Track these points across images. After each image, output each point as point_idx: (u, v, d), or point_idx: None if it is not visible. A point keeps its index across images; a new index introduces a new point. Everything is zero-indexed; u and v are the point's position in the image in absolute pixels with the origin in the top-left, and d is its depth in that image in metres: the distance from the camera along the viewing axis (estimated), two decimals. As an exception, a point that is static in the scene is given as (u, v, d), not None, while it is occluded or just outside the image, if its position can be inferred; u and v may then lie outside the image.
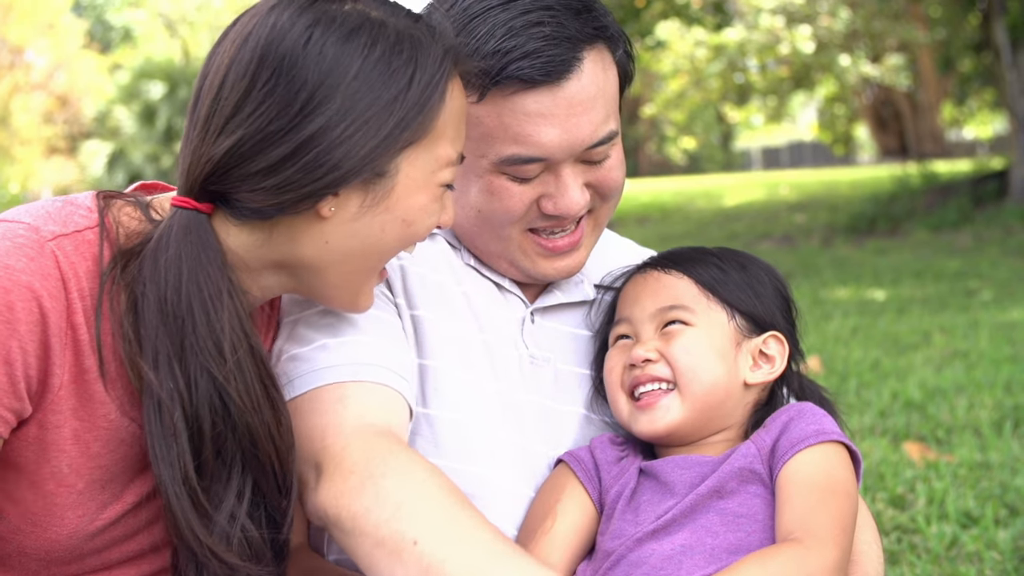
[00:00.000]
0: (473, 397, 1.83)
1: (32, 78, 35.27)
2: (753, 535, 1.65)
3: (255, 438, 1.54)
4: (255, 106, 1.47)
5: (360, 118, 1.48)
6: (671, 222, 20.33)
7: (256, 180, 1.48)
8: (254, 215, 1.52)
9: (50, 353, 1.46)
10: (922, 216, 15.69)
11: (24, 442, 1.50)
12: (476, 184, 1.81)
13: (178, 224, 1.52)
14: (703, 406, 1.77)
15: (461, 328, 1.87)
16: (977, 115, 28.64)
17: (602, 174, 1.84)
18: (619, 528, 1.72)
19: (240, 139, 1.47)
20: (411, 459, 1.54)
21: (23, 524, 1.54)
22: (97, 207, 1.55)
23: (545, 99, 1.72)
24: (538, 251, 1.87)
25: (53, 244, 1.47)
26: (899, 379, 5.72)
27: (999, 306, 8.28)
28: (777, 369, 1.83)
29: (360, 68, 1.48)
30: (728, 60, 20.22)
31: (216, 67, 1.53)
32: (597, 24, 1.77)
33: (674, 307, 1.80)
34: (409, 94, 1.51)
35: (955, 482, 3.90)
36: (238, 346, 1.52)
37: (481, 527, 1.46)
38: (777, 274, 1.91)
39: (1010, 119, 16.65)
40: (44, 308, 1.44)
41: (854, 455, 1.73)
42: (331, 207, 1.52)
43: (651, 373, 1.77)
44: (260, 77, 1.47)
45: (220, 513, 1.52)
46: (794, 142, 51.17)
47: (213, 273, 1.51)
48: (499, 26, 1.71)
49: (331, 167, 1.48)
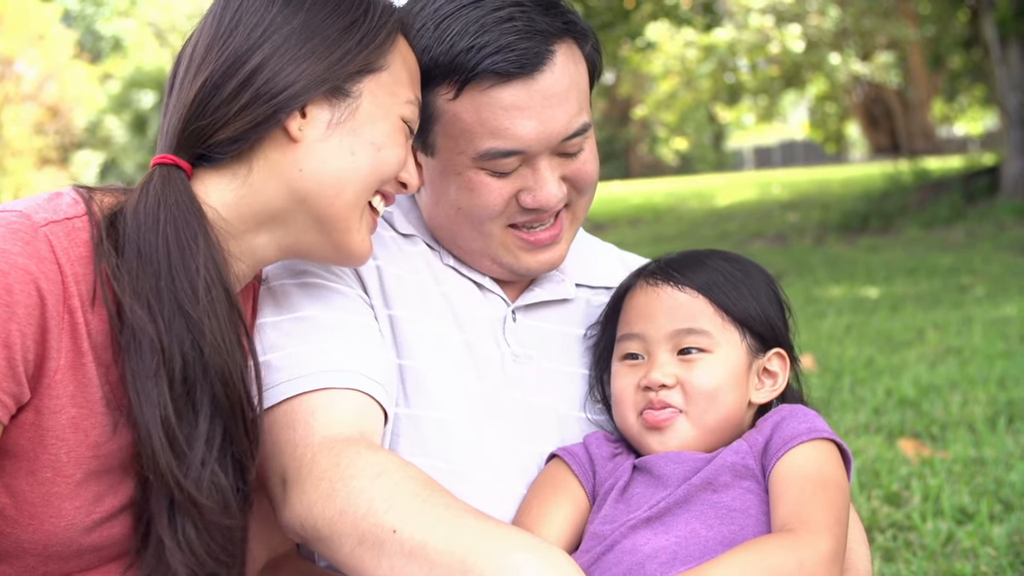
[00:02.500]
0: (455, 396, 1.84)
1: (22, 89, 35.18)
2: (747, 528, 1.66)
3: (226, 380, 1.56)
4: (221, 43, 1.60)
5: (318, 35, 1.61)
6: (663, 223, 20.34)
7: (227, 105, 1.58)
8: (232, 148, 1.60)
9: (47, 336, 1.47)
10: (914, 213, 15.71)
11: (21, 428, 1.50)
12: (455, 181, 1.83)
13: (158, 176, 1.59)
14: (713, 430, 1.79)
15: (440, 327, 1.88)
16: (968, 111, 28.70)
17: (577, 166, 1.87)
18: (611, 514, 1.73)
19: (211, 73, 1.59)
20: (379, 457, 1.56)
21: (20, 516, 1.53)
22: (82, 198, 1.59)
23: (520, 92, 1.76)
24: (520, 245, 1.89)
25: (46, 229, 1.50)
26: (893, 376, 5.73)
27: (992, 302, 8.29)
28: (780, 386, 1.85)
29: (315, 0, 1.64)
30: (718, 60, 20.28)
31: (187, 43, 1.67)
32: (565, 19, 1.81)
33: (692, 331, 1.80)
34: (365, 22, 1.65)
35: (950, 478, 3.91)
36: (212, 287, 1.55)
37: (456, 507, 1.47)
38: (769, 276, 1.92)
39: (1000, 115, 16.69)
40: (42, 291, 1.46)
41: (844, 454, 1.75)
42: (299, 127, 1.61)
43: (665, 399, 1.78)
44: (223, 21, 1.62)
45: (193, 455, 1.54)
46: (786, 141, 51.26)
47: (191, 219, 1.56)
48: (471, 23, 1.76)
49: (293, 79, 1.59)
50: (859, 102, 29.88)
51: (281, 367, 1.70)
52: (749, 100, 26.51)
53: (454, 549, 1.40)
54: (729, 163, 47.58)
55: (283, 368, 1.69)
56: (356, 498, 1.49)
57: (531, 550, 1.39)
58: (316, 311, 1.77)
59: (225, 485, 1.56)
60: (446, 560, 1.39)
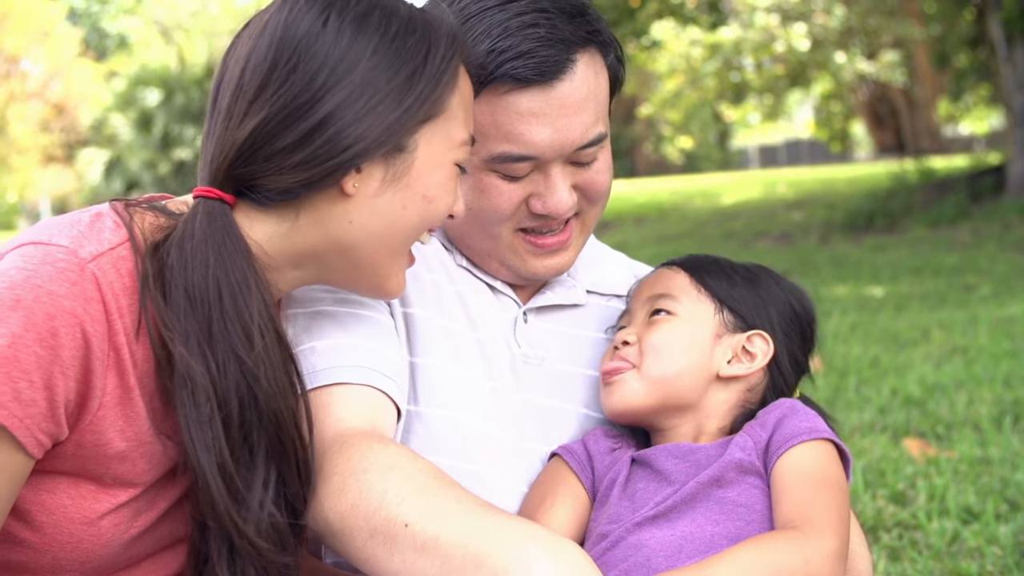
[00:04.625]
0: (466, 394, 1.85)
1: (28, 87, 35.21)
2: (752, 524, 1.67)
3: (280, 424, 1.55)
4: (278, 86, 1.53)
5: (380, 91, 1.54)
6: (668, 222, 20.33)
7: (282, 157, 1.52)
8: (281, 197, 1.56)
9: (92, 377, 1.46)
10: (920, 212, 15.68)
11: (62, 458, 1.50)
12: (467, 182, 1.83)
13: (203, 212, 1.55)
14: (661, 390, 1.82)
15: (454, 326, 1.89)
16: (973, 110, 28.63)
17: (590, 176, 1.87)
18: (616, 513, 1.74)
19: (265, 117, 1.52)
20: (390, 450, 1.56)
21: (59, 534, 1.53)
22: (123, 221, 1.55)
23: (538, 99, 1.76)
24: (528, 249, 1.90)
25: (93, 265, 1.47)
26: (898, 375, 5.72)
27: (998, 301, 8.27)
28: (757, 364, 1.86)
29: (378, 45, 1.55)
30: (724, 59, 20.23)
31: (235, 61, 1.58)
32: (590, 28, 1.80)
33: (662, 296, 1.88)
34: (426, 70, 1.58)
35: (955, 478, 3.90)
36: (265, 332, 1.54)
37: (468, 500, 1.47)
38: (802, 298, 1.95)
39: (1006, 114, 16.65)
40: (87, 333, 1.44)
41: (844, 455, 1.76)
42: (354, 183, 1.57)
43: (621, 354, 1.85)
44: (281, 58, 1.53)
45: (251, 499, 1.53)
46: (791, 140, 51.17)
47: (239, 260, 1.54)
48: (495, 26, 1.75)
49: (354, 139, 1.53)
50: (864, 101, 29.81)
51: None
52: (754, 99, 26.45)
53: (467, 542, 1.40)
54: (734, 162, 47.53)
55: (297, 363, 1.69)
56: (368, 492, 1.49)
57: (543, 541, 1.38)
58: (331, 306, 1.78)
59: (283, 526, 1.56)
60: (459, 553, 1.39)
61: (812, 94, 29.79)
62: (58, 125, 36.50)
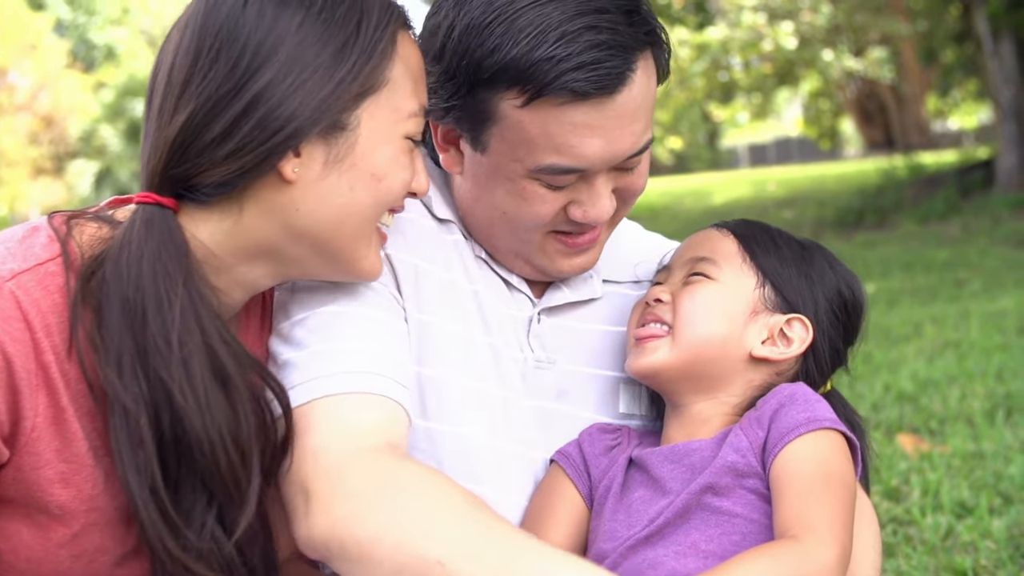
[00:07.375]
0: (477, 408, 1.78)
1: (16, 99, 35.13)
2: (748, 537, 1.60)
3: (202, 444, 1.44)
4: (202, 76, 1.45)
5: (309, 67, 1.46)
6: (660, 222, 20.32)
7: (213, 149, 1.44)
8: (219, 191, 1.48)
9: (19, 397, 1.41)
10: (910, 208, 15.71)
11: (4, 484, 1.46)
12: (504, 186, 1.74)
13: (140, 219, 1.47)
14: (692, 358, 1.74)
15: (467, 332, 1.82)
16: (961, 105, 28.75)
17: (630, 180, 1.79)
18: (611, 529, 1.70)
19: (193, 111, 1.45)
20: (414, 473, 1.48)
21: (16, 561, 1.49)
22: (57, 235, 1.48)
23: (594, 111, 1.64)
24: (558, 249, 1.82)
25: (12, 284, 1.41)
26: (891, 371, 5.73)
27: (988, 295, 8.28)
28: (792, 351, 1.78)
29: (303, 19, 1.47)
30: (711, 59, 20.27)
31: (164, 57, 1.51)
32: (648, 28, 1.68)
33: (704, 259, 1.79)
34: (358, 40, 1.49)
35: (949, 472, 3.91)
36: (186, 340, 1.44)
37: (504, 530, 1.41)
38: (853, 285, 1.85)
39: (994, 108, 16.69)
40: (8, 353, 1.38)
41: (851, 442, 1.66)
42: (294, 168, 1.48)
43: (656, 313, 1.78)
44: (203, 48, 1.46)
45: (191, 523, 1.46)
46: (780, 138, 51.29)
47: (171, 264, 1.45)
48: (551, 29, 1.60)
49: (286, 119, 1.44)
50: (853, 98, 29.88)
51: (304, 365, 1.61)
52: (743, 98, 26.52)
53: None
54: (724, 161, 47.57)
55: (306, 366, 1.61)
56: (395, 522, 1.40)
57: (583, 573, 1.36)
58: (343, 307, 1.68)
59: (228, 550, 1.49)
60: None
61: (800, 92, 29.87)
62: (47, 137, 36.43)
